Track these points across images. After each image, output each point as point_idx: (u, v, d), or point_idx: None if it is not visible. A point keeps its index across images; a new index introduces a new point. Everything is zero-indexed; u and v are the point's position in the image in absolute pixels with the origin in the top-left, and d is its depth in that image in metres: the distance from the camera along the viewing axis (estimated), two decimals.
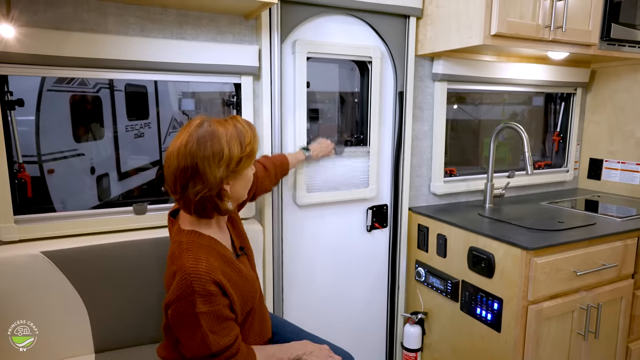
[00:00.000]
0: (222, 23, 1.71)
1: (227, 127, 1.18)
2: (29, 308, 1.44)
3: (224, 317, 1.18)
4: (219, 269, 1.17)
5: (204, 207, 1.19)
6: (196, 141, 1.13)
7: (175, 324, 1.16)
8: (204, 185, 1.14)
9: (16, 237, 1.50)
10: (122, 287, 1.57)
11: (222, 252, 1.25)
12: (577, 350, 1.85)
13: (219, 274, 1.16)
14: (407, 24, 2.04)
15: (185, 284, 1.10)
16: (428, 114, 2.22)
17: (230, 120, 1.22)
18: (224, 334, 1.18)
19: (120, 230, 1.65)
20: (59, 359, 1.50)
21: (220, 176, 1.15)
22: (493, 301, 1.78)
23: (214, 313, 1.14)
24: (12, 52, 1.38)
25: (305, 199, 1.93)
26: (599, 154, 2.68)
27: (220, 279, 1.16)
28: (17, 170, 1.55)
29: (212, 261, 1.17)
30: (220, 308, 1.16)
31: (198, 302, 1.11)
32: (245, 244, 1.46)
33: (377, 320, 2.27)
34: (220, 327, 1.17)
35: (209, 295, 1.12)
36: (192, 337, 1.14)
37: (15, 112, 1.54)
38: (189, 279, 1.10)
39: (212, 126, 1.17)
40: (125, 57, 1.54)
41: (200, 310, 1.11)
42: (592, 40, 2.01)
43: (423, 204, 2.29)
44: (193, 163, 1.13)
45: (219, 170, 1.14)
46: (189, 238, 1.20)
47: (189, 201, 1.17)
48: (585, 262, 1.78)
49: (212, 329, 1.15)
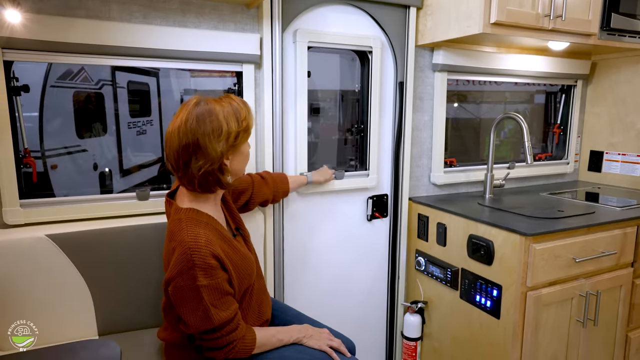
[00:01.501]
0: (224, 11, 1.73)
1: (223, 104, 1.24)
2: (34, 289, 1.47)
3: (224, 291, 1.20)
4: (217, 244, 1.20)
5: (207, 182, 1.23)
6: (195, 118, 1.18)
7: (177, 299, 1.18)
8: (206, 160, 1.19)
9: (22, 221, 1.52)
10: (125, 271, 1.60)
11: (219, 229, 1.28)
12: (576, 337, 1.86)
13: (218, 248, 1.19)
14: (407, 14, 2.05)
15: (185, 258, 1.13)
16: (428, 104, 2.23)
17: (225, 99, 1.27)
18: (225, 308, 1.20)
19: (124, 215, 1.67)
20: (63, 341, 1.53)
21: (220, 150, 1.20)
22: (492, 288, 1.80)
23: (214, 287, 1.17)
24: (17, 38, 1.41)
25: (305, 187, 1.94)
26: (599, 146, 2.68)
27: (219, 253, 1.18)
28: (23, 155, 1.58)
29: (211, 236, 1.19)
30: (220, 282, 1.18)
31: (199, 275, 1.13)
32: (240, 225, 1.49)
33: (377, 309, 2.29)
34: (220, 302, 1.19)
35: (209, 269, 1.15)
36: (194, 311, 1.17)
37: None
38: (189, 252, 1.13)
39: (209, 104, 1.22)
40: (128, 44, 1.56)
41: (201, 283, 1.14)
42: (592, 29, 2.03)
43: (423, 194, 2.31)
44: (194, 139, 1.17)
45: (219, 144, 1.19)
46: (187, 215, 1.23)
47: (193, 176, 1.21)
48: (584, 249, 1.79)
49: (213, 303, 1.17)
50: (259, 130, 1.86)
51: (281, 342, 1.36)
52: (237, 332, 1.24)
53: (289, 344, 1.38)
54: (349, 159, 2.20)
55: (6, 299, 1.44)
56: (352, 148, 2.21)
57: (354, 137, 2.18)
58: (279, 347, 1.36)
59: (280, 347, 1.36)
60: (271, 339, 1.35)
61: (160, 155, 3.58)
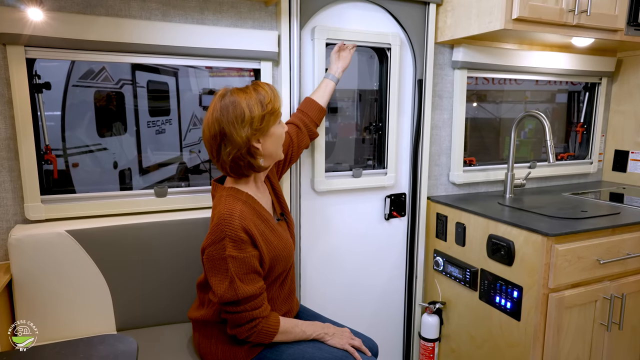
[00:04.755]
0: (242, 9, 1.73)
1: (248, 92, 1.30)
2: (53, 284, 1.49)
3: (252, 267, 1.24)
4: (251, 221, 1.26)
5: (238, 166, 1.31)
6: (219, 109, 1.28)
7: (208, 267, 1.25)
8: (233, 146, 1.27)
9: (43, 216, 1.55)
10: (144, 267, 1.61)
11: (258, 209, 1.33)
12: (599, 341, 1.81)
13: (251, 224, 1.25)
14: (426, 11, 2.02)
15: (219, 229, 1.22)
16: (447, 102, 2.20)
17: (250, 87, 1.33)
18: (250, 283, 1.24)
19: (142, 212, 1.68)
20: (81, 335, 1.54)
21: (245, 135, 1.27)
22: (513, 289, 1.76)
23: (242, 260, 1.22)
24: (40, 36, 1.43)
25: (323, 185, 1.93)
26: (624, 146, 2.61)
27: (250, 228, 1.24)
28: (44, 152, 1.60)
29: (246, 212, 1.26)
30: (248, 257, 1.23)
31: (228, 246, 1.21)
32: (285, 211, 1.53)
33: (395, 309, 2.27)
34: (246, 277, 1.23)
35: (239, 242, 1.22)
36: (221, 280, 1.23)
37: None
38: (223, 223, 1.22)
39: (233, 95, 1.30)
40: (148, 42, 1.57)
41: (230, 254, 1.21)
42: (618, 25, 1.97)
43: (442, 193, 2.28)
44: (220, 129, 1.27)
45: (243, 130, 1.27)
46: (228, 192, 1.32)
47: (224, 162, 1.31)
48: (609, 251, 1.74)
49: (239, 276, 1.22)
50: None
51: (304, 334, 1.36)
52: (261, 310, 1.27)
53: (311, 338, 1.37)
54: (366, 159, 2.18)
55: (26, 293, 1.46)
56: (370, 147, 2.19)
57: (372, 136, 2.16)
58: (300, 343, 1.36)
59: (301, 341, 1.36)
60: (295, 329, 1.35)
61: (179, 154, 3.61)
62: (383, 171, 2.08)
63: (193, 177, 3.08)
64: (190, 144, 3.70)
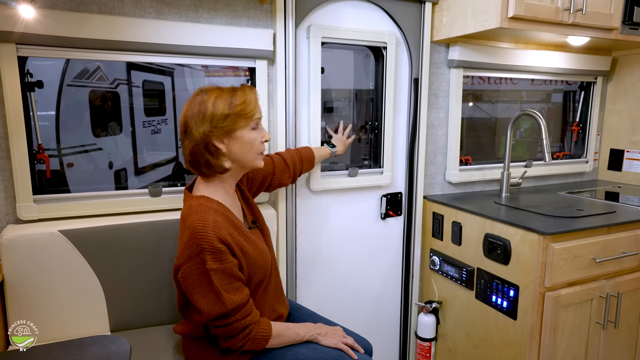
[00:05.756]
0: (237, 7, 1.72)
1: (223, 91, 1.28)
2: (46, 285, 1.47)
3: (235, 275, 1.21)
4: (226, 230, 1.21)
5: (197, 162, 1.28)
6: (189, 104, 1.28)
7: (188, 286, 1.19)
8: (190, 140, 1.26)
9: (35, 216, 1.53)
10: (138, 267, 1.59)
11: (230, 217, 1.28)
12: (595, 339, 1.81)
13: (225, 233, 1.20)
14: (422, 9, 2.02)
15: (194, 243, 1.16)
16: (444, 101, 2.20)
17: (232, 87, 1.30)
18: (236, 293, 1.21)
19: (136, 212, 1.67)
20: (74, 337, 1.52)
21: (203, 131, 1.23)
22: (509, 288, 1.75)
23: (224, 271, 1.18)
24: (32, 34, 1.41)
25: (319, 184, 1.92)
26: (620, 145, 2.61)
27: (226, 238, 1.19)
28: (37, 151, 1.58)
29: (220, 221, 1.21)
30: (230, 266, 1.19)
31: (208, 259, 1.15)
32: (258, 219, 1.49)
33: (391, 309, 2.26)
34: (231, 287, 1.20)
35: (218, 253, 1.16)
36: (206, 296, 1.18)
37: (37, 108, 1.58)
38: (198, 236, 1.15)
39: (208, 92, 1.27)
40: (141, 40, 1.56)
41: (211, 267, 1.15)
42: (613, 24, 1.97)
43: (438, 192, 2.27)
44: (185, 122, 1.27)
45: (202, 125, 1.24)
46: (198, 201, 1.26)
47: (185, 155, 1.29)
48: (605, 249, 1.74)
49: (223, 287, 1.18)
50: (272, 127, 1.84)
51: (297, 336, 1.34)
52: (252, 317, 1.24)
53: (305, 340, 1.36)
54: (362, 159, 2.18)
55: (18, 294, 1.44)
56: (366, 146, 2.18)
57: (368, 136, 2.15)
58: (294, 346, 1.34)
59: (295, 344, 1.35)
60: (287, 331, 1.33)
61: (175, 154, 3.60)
62: (379, 170, 2.07)
63: (189, 178, 3.07)
64: None
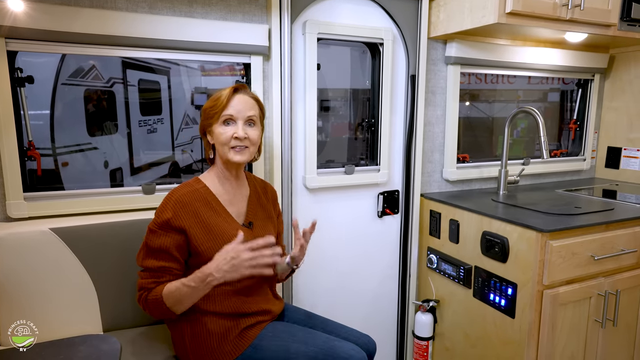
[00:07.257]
0: (231, 2, 1.69)
1: (219, 90, 1.39)
2: (37, 284, 1.44)
3: (163, 247, 1.29)
4: (192, 208, 1.31)
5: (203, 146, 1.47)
6: None
7: None
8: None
9: (26, 214, 1.50)
10: (130, 266, 1.56)
11: (210, 200, 1.37)
12: (594, 337, 1.79)
13: (187, 210, 1.30)
14: (419, 5, 2.00)
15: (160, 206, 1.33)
16: (441, 98, 2.18)
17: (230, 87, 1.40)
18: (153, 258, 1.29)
19: (129, 209, 1.64)
20: (66, 336, 1.50)
21: (200, 124, 1.43)
22: (507, 286, 1.74)
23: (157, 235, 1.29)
24: (21, 27, 1.39)
25: (315, 182, 1.90)
26: (617, 142, 2.60)
27: (181, 215, 1.29)
28: (27, 148, 1.55)
29: (188, 198, 1.32)
30: (165, 238, 1.28)
31: (154, 221, 1.31)
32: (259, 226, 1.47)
33: (388, 307, 2.24)
34: (153, 252, 1.30)
35: (163, 223, 1.29)
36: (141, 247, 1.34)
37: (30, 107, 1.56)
38: (162, 202, 1.33)
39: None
40: (134, 35, 1.53)
41: (151, 227, 1.31)
42: (611, 20, 1.96)
43: (435, 190, 2.25)
44: None
45: (202, 119, 1.42)
46: (189, 180, 1.42)
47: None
48: (603, 246, 1.73)
49: (148, 246, 1.30)
50: (267, 123, 1.81)
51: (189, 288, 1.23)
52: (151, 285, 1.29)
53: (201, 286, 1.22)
54: (359, 157, 2.15)
55: (9, 293, 1.41)
56: (363, 145, 2.16)
57: (365, 133, 2.13)
58: (285, 339, 1.32)
59: (286, 338, 1.32)
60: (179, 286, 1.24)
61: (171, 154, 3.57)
62: (376, 168, 2.05)
63: (185, 177, 3.04)
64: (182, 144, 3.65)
